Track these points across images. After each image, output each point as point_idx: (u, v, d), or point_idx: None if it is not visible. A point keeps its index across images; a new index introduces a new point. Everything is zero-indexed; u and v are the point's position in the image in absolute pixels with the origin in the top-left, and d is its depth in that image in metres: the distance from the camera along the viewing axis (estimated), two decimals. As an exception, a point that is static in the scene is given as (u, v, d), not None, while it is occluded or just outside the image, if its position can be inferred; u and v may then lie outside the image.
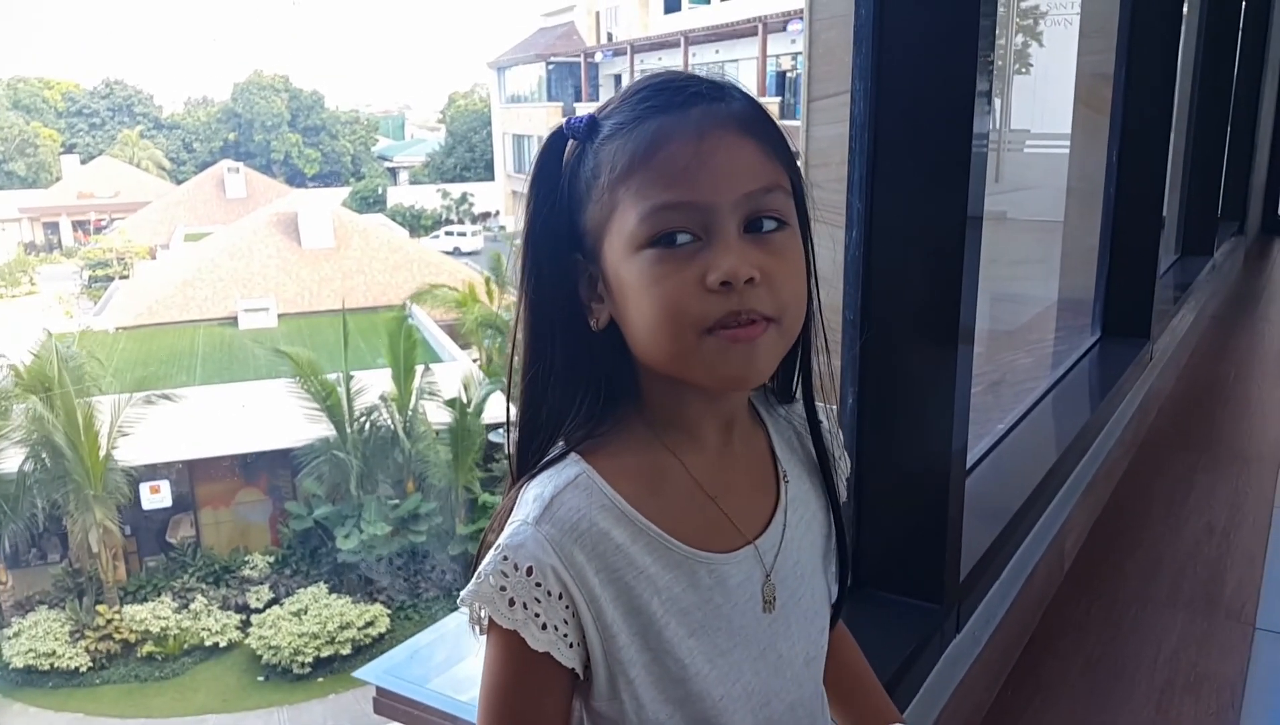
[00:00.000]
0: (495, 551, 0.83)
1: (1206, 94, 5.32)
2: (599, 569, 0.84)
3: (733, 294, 0.81)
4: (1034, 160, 9.16)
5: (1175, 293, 4.62)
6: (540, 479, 0.87)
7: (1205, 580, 2.66)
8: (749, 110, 0.86)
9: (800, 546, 0.96)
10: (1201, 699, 2.14)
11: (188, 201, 36.43)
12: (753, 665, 0.91)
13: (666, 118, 0.83)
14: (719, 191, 0.81)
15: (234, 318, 23.70)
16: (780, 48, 25.42)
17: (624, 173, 0.83)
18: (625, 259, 0.83)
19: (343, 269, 25.62)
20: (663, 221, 0.81)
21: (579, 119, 0.88)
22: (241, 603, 15.43)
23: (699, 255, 0.81)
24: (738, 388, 0.92)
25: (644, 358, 0.87)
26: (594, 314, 0.89)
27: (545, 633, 0.82)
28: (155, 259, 31.18)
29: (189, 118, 54.23)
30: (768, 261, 0.82)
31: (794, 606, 0.95)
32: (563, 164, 0.88)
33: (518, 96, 41.25)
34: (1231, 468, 3.47)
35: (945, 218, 1.63)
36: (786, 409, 1.02)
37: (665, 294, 0.81)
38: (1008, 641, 2.24)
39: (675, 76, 0.87)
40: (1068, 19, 5.70)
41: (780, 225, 0.85)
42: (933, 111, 1.61)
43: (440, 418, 15.93)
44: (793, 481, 0.98)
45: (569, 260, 0.88)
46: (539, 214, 0.88)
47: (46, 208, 40.98)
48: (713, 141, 0.82)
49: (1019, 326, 4.41)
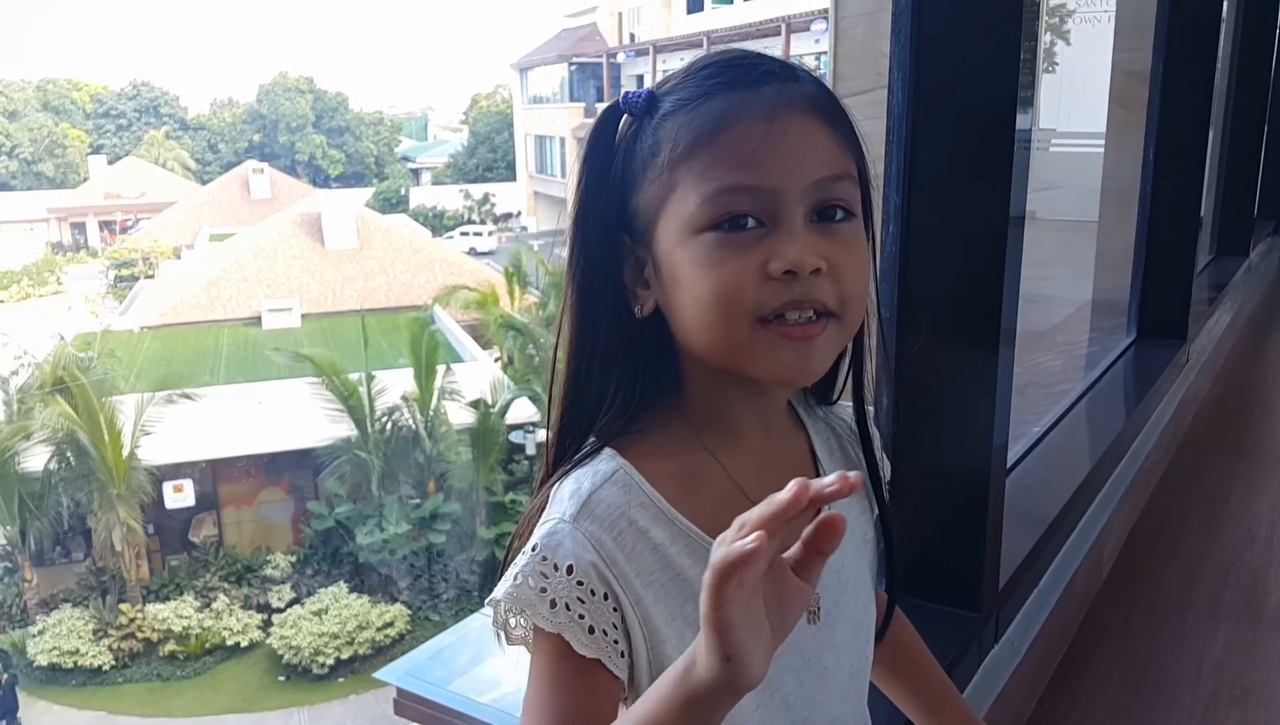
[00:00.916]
0: (532, 552, 0.78)
1: (1244, 91, 5.22)
2: (638, 570, 0.79)
3: (795, 283, 0.77)
4: (1061, 159, 9.08)
5: (1211, 293, 4.54)
6: (575, 475, 0.83)
7: (1248, 589, 2.59)
8: (821, 93, 0.82)
9: (844, 553, 0.92)
10: (1248, 712, 2.07)
11: (213, 202, 36.68)
12: (795, 677, 0.87)
13: (735, 95, 0.78)
14: (788, 176, 0.77)
15: (258, 318, 23.82)
16: (804, 48, 25.33)
17: (687, 151, 0.78)
18: (681, 242, 0.79)
19: (365, 269, 25.72)
20: (727, 204, 0.77)
21: (637, 93, 0.83)
22: (263, 602, 15.49)
23: (762, 241, 0.77)
24: (789, 385, 0.88)
25: (691, 347, 0.83)
26: (639, 300, 0.84)
27: (593, 637, 0.77)
28: (180, 259, 31.42)
29: (214, 119, 54.65)
30: (835, 252, 0.78)
31: (839, 616, 0.91)
32: (616, 141, 0.83)
33: (540, 97, 41.32)
34: (1272, 473, 3.39)
35: (987, 217, 1.58)
36: (826, 411, 0.98)
37: (723, 278, 0.77)
38: (1047, 651, 2.18)
39: (745, 54, 0.83)
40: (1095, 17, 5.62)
41: (848, 215, 0.80)
42: (973, 104, 1.56)
43: (462, 418, 15.94)
44: None
45: (616, 242, 0.83)
46: (589, 194, 0.84)
47: (74, 208, 41.38)
48: (784, 123, 0.78)
49: (1048, 328, 4.35)
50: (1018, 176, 1.57)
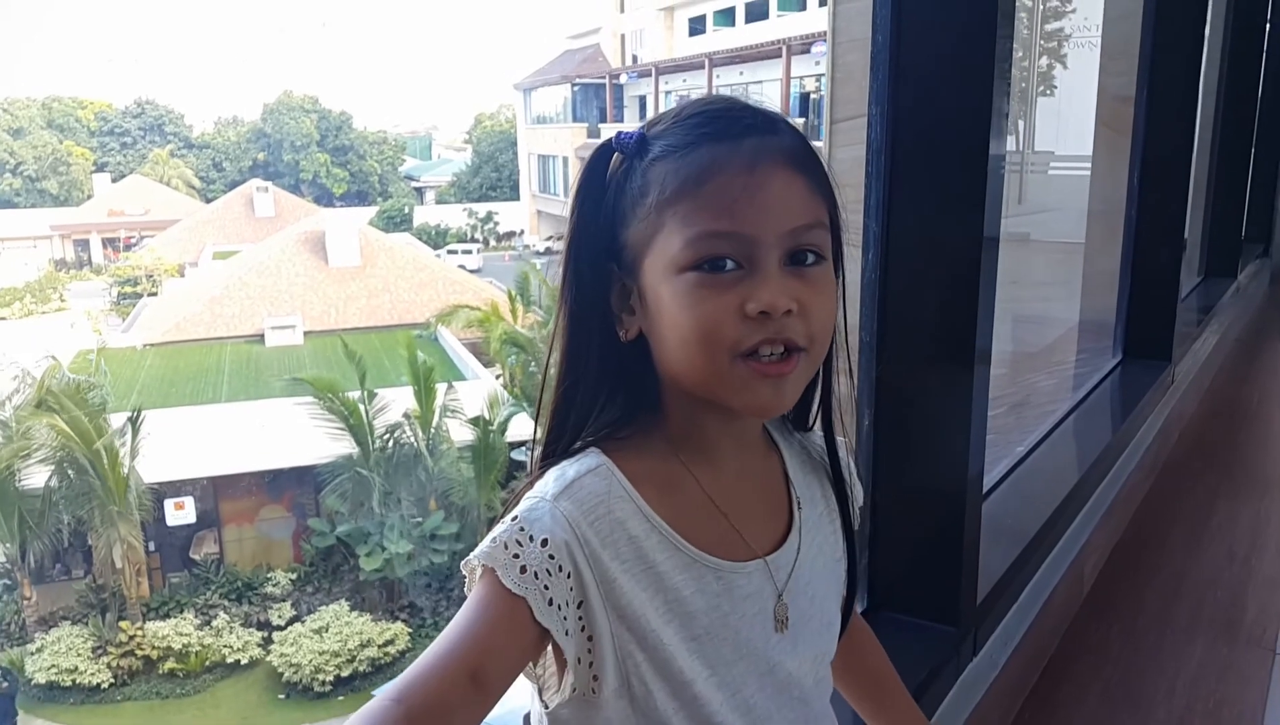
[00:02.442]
0: (512, 521, 0.84)
1: (1230, 115, 5.29)
2: (613, 557, 0.85)
3: (769, 322, 0.83)
4: (1057, 182, 9.14)
5: (1198, 315, 4.59)
6: (562, 465, 0.89)
7: (1226, 606, 2.63)
8: (798, 145, 0.88)
9: (814, 569, 0.98)
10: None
11: (217, 220, 36.82)
12: (758, 681, 0.92)
13: (720, 146, 0.85)
14: (766, 225, 0.83)
15: (261, 335, 23.88)
16: (804, 69, 25.49)
17: (673, 196, 0.84)
18: (666, 279, 0.85)
19: (369, 287, 25.81)
20: (708, 248, 0.83)
21: (629, 135, 0.90)
22: (263, 620, 15.46)
23: (740, 283, 0.83)
24: (763, 416, 0.95)
25: (672, 374, 0.89)
26: (624, 325, 0.90)
27: (551, 609, 0.82)
28: (184, 276, 31.52)
29: (219, 137, 54.92)
30: (805, 294, 0.85)
31: (803, 627, 0.96)
32: (608, 177, 0.90)
33: (543, 117, 41.53)
34: (1253, 493, 3.44)
35: (962, 239, 1.63)
36: (802, 435, 1.03)
37: (704, 317, 0.83)
38: (1025, 665, 2.23)
39: (729, 104, 0.89)
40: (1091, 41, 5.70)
41: (819, 259, 0.87)
42: (949, 134, 1.61)
43: (463, 436, 15.97)
44: (806, 507, 0.99)
45: (605, 269, 0.90)
46: (582, 224, 0.90)
47: (78, 225, 41.55)
48: (764, 175, 0.84)
49: (1042, 348, 4.40)
50: (992, 200, 1.62)
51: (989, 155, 1.60)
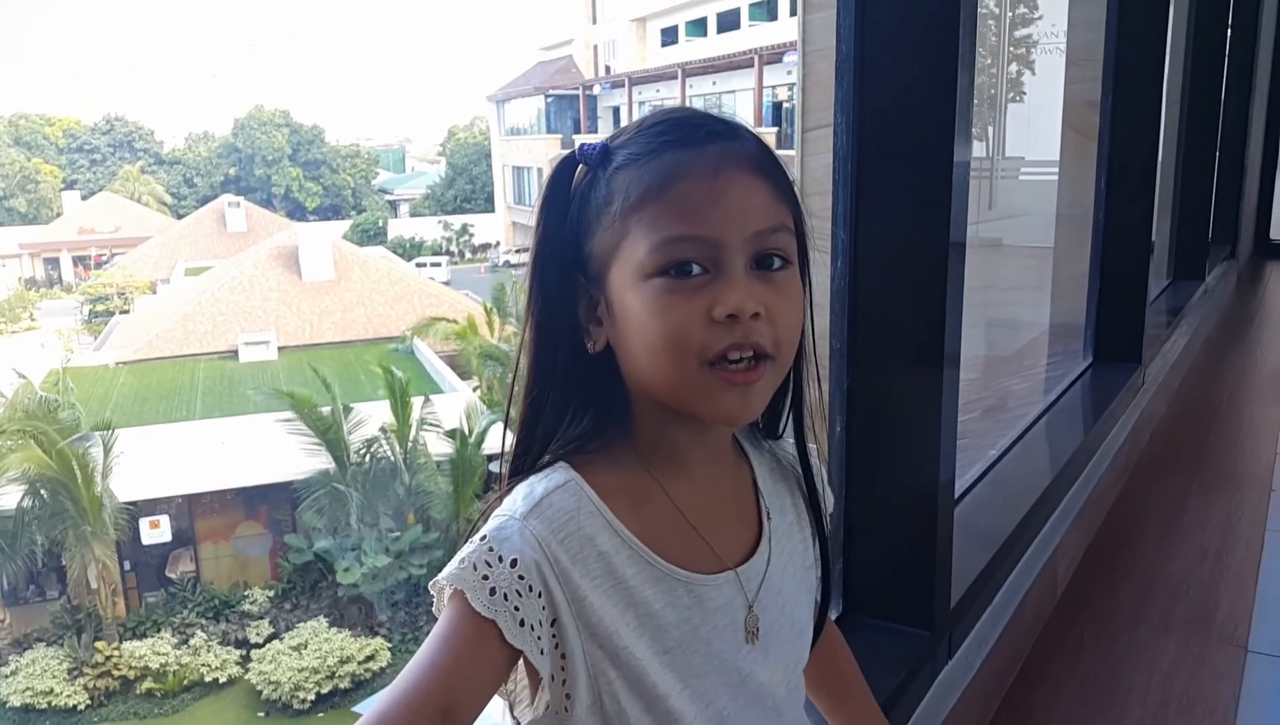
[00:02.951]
0: (480, 541, 0.83)
1: (1195, 119, 5.37)
2: (583, 574, 0.84)
3: (736, 327, 0.83)
4: (1028, 187, 9.20)
5: (1167, 317, 4.64)
6: (530, 481, 0.88)
7: (1198, 603, 2.66)
8: (761, 151, 0.89)
9: (784, 579, 0.98)
10: (1195, 722, 2.14)
11: (188, 236, 36.56)
12: (730, 691, 0.92)
13: (683, 152, 0.85)
14: (730, 228, 0.84)
15: (234, 351, 23.71)
16: (777, 79, 25.62)
17: (638, 202, 0.85)
18: (632, 286, 0.85)
19: (343, 301, 25.68)
20: (674, 253, 0.83)
21: (592, 146, 0.90)
22: (241, 638, 15.33)
23: (706, 287, 0.83)
24: (730, 425, 0.94)
25: (640, 383, 0.89)
26: (591, 336, 0.90)
27: (523, 629, 0.81)
28: (155, 293, 31.25)
29: (190, 153, 54.55)
30: (771, 298, 0.85)
31: (775, 636, 0.96)
32: (572, 188, 0.90)
33: (517, 129, 41.53)
34: (1224, 491, 3.47)
35: (928, 245, 1.65)
36: (772, 444, 1.04)
37: (671, 323, 0.83)
38: (1001, 667, 2.24)
39: (691, 113, 0.90)
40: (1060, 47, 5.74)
41: (785, 264, 0.87)
42: (913, 141, 1.63)
43: (441, 449, 15.91)
44: (775, 516, 0.99)
45: (571, 281, 0.90)
46: (548, 236, 0.90)
47: (47, 243, 41.15)
48: (727, 179, 0.85)
49: (1014, 352, 4.43)
50: (957, 205, 1.64)
51: (954, 161, 1.62)
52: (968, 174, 1.70)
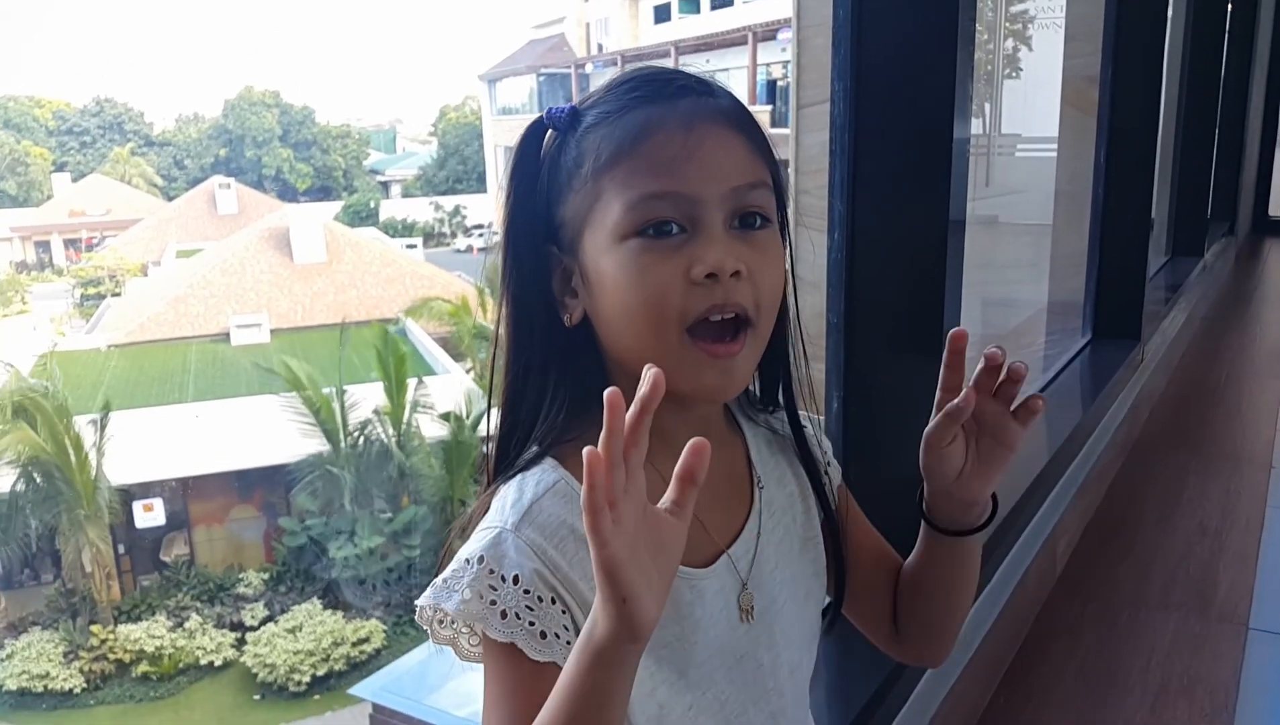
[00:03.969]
0: (479, 564, 0.79)
1: (1194, 95, 5.32)
2: (583, 574, 0.80)
3: (716, 287, 0.79)
4: (1025, 164, 9.16)
5: (1166, 294, 4.62)
6: (517, 483, 0.84)
7: (1198, 582, 2.64)
8: (735, 106, 0.85)
9: (779, 552, 0.94)
10: (1195, 701, 2.12)
11: (179, 218, 36.34)
12: (728, 674, 0.88)
13: (654, 108, 0.82)
14: (707, 183, 0.80)
15: (226, 334, 23.62)
16: (770, 56, 25.47)
17: (609, 161, 0.81)
18: (607, 249, 0.81)
19: (335, 283, 25.57)
20: (649, 211, 0.80)
21: (560, 109, 0.86)
22: (236, 620, 15.34)
23: (684, 247, 0.80)
24: (713, 401, 0.90)
25: (619, 355, 0.85)
26: (567, 309, 0.86)
27: (545, 642, 0.78)
28: (147, 276, 31.11)
29: (180, 134, 54.23)
30: (752, 257, 0.81)
31: (775, 614, 0.92)
32: (541, 154, 0.86)
33: (509, 108, 41.30)
34: (1224, 468, 3.45)
35: (926, 222, 1.61)
36: (766, 417, 1.00)
37: (649, 285, 0.80)
38: (1000, 646, 2.22)
39: (662, 70, 0.86)
40: (1056, 23, 5.70)
41: (765, 222, 0.84)
42: (912, 115, 1.59)
43: (435, 431, 15.88)
44: (769, 487, 0.96)
45: (544, 252, 0.86)
46: (518, 206, 0.86)
47: (38, 226, 40.90)
48: (701, 133, 0.81)
49: (1011, 330, 4.40)
50: (956, 181, 1.61)
51: (952, 137, 1.58)
52: (968, 151, 1.66)
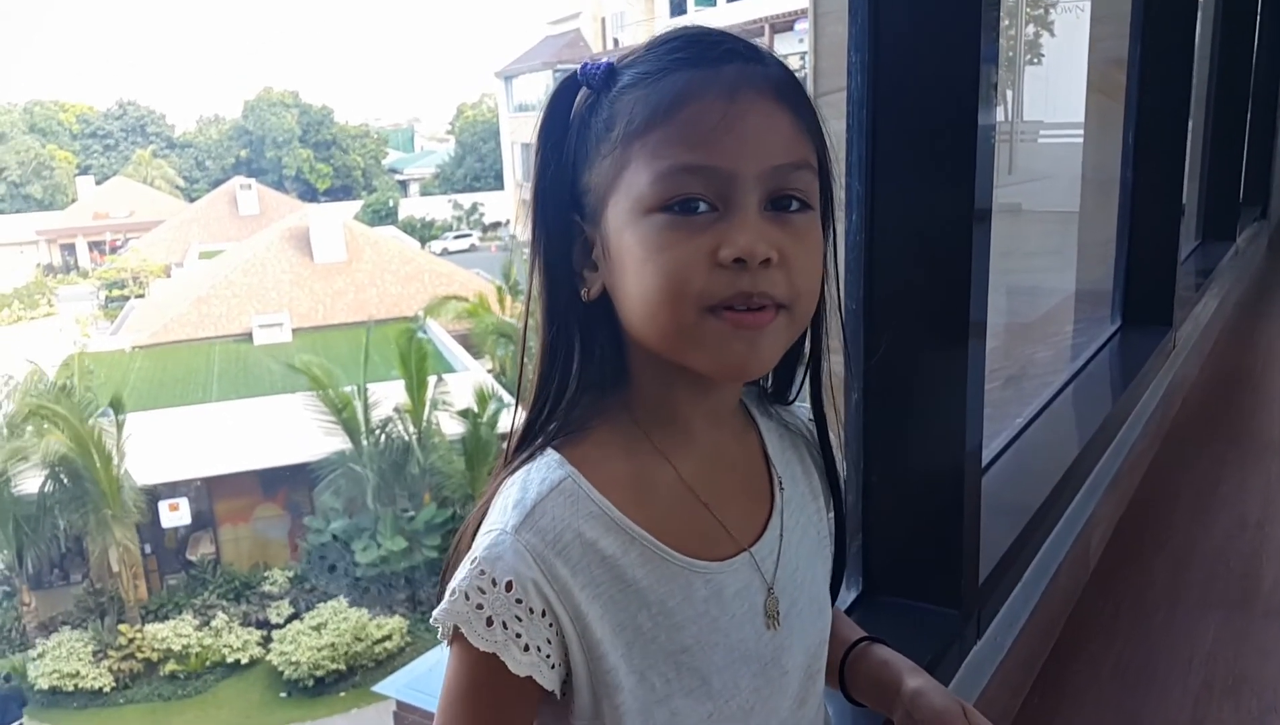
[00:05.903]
0: (471, 565, 0.75)
1: (1226, 76, 5.20)
2: (584, 584, 0.75)
3: (744, 274, 0.73)
4: (1048, 151, 9.05)
5: (1197, 279, 4.51)
6: (521, 481, 0.79)
7: (1240, 576, 2.55)
8: (786, 77, 0.78)
9: (799, 554, 0.89)
10: (1242, 702, 2.03)
11: (201, 219, 36.55)
12: (752, 682, 0.83)
13: (697, 72, 0.75)
14: (745, 159, 0.74)
15: (249, 333, 23.74)
16: (788, 48, 25.32)
17: (642, 127, 0.75)
18: (631, 222, 0.75)
19: (355, 282, 25.65)
20: (679, 185, 0.73)
21: (595, 65, 0.80)
22: (262, 618, 15.46)
23: (713, 226, 0.73)
24: (737, 378, 0.84)
25: (637, 335, 0.79)
26: (586, 283, 0.80)
27: (528, 655, 0.74)
28: (170, 277, 31.33)
29: (201, 136, 54.57)
30: (787, 243, 0.75)
31: (796, 618, 0.87)
32: (572, 114, 0.80)
33: (526, 105, 41.27)
34: (1262, 458, 3.35)
35: (951, 210, 1.54)
36: (780, 410, 0.94)
37: (670, 263, 0.73)
38: (1032, 646, 2.14)
39: (710, 31, 0.79)
40: (1079, 7, 5.60)
41: (804, 207, 0.77)
42: (935, 104, 1.51)
43: (455, 428, 15.90)
44: (788, 486, 0.91)
45: (568, 221, 0.80)
46: (545, 170, 0.80)
47: (63, 229, 41.27)
48: (745, 104, 0.74)
49: (1037, 319, 4.32)
50: (982, 170, 1.53)
51: (978, 124, 1.50)
52: (993, 137, 1.58)
